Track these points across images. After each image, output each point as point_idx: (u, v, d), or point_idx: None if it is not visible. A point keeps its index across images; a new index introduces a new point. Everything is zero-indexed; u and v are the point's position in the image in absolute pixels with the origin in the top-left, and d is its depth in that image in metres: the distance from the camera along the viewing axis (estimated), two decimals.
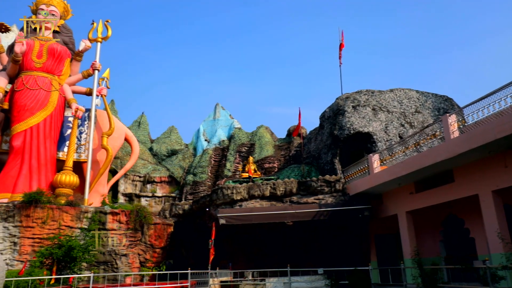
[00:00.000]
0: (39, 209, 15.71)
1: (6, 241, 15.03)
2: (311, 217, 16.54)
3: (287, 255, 17.85)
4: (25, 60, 18.93)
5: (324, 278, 15.33)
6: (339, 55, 24.06)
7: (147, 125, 28.88)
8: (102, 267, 16.25)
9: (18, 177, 17.44)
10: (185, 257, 19.92)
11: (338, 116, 20.58)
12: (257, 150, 25.04)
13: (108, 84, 21.00)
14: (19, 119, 18.19)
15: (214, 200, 17.85)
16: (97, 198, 19.10)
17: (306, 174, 20.90)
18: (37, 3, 20.35)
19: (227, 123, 28.46)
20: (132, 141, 22.35)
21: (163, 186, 24.59)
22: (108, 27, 21.18)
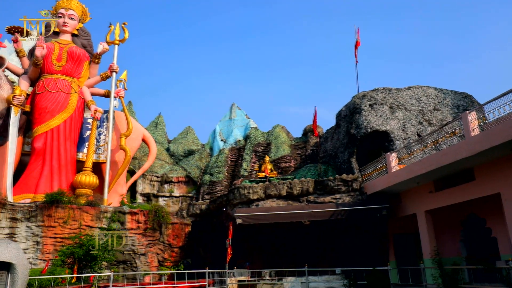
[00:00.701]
0: (60, 209, 16.05)
1: (29, 241, 15.42)
2: (328, 217, 16.45)
3: (304, 255, 17.80)
4: (46, 64, 19.36)
5: (342, 278, 15.23)
6: (355, 54, 23.85)
7: (164, 126, 29.18)
8: (121, 266, 16.51)
9: (39, 178, 17.85)
10: (202, 256, 20.07)
11: (354, 114, 20.41)
12: (273, 150, 25.04)
13: (125, 85, 21.31)
14: (40, 121, 18.61)
15: (231, 199, 17.93)
16: (116, 198, 19.40)
17: (323, 173, 20.80)
18: (57, 8, 20.78)
19: (243, 123, 28.53)
20: (149, 142, 22.62)
21: (180, 186, 24.82)
22: (125, 29, 21.49)
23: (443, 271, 12.43)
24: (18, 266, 8.49)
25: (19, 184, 17.75)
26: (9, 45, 22.26)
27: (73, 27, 20.76)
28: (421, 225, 15.44)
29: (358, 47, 23.87)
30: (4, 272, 8.60)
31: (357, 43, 23.85)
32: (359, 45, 23.84)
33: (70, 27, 20.59)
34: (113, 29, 21.32)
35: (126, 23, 21.58)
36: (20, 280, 8.49)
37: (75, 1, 21.01)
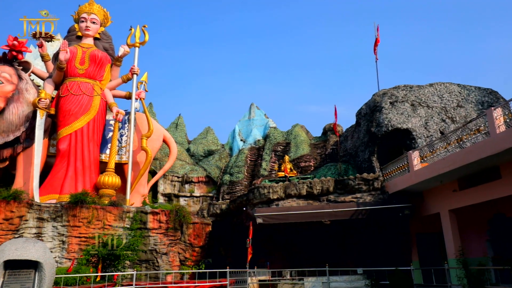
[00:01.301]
0: (85, 209, 16.42)
1: (55, 240, 15.83)
2: (349, 216, 16.30)
3: (325, 255, 17.68)
4: (69, 67, 19.84)
5: (363, 278, 15.07)
6: (375, 51, 23.54)
7: (184, 127, 29.48)
8: (144, 265, 16.77)
9: (64, 179, 18.31)
10: (223, 256, 20.19)
11: (375, 112, 20.15)
12: (293, 149, 24.96)
13: (146, 87, 21.64)
14: (65, 124, 19.09)
15: (251, 199, 17.97)
16: (138, 198, 19.73)
17: (343, 173, 20.62)
18: (79, 12, 21.26)
19: (262, 123, 28.54)
20: (170, 143, 22.90)
21: (200, 186, 25.02)
22: (145, 32, 21.81)
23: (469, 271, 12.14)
24: (45, 265, 8.71)
25: (45, 185, 18.25)
26: (35, 50, 22.91)
27: (95, 31, 21.21)
28: (445, 225, 15.13)
29: (378, 44, 23.55)
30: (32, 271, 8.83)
31: (377, 40, 23.53)
32: (379, 42, 23.52)
33: (92, 31, 21.04)
34: (133, 32, 21.67)
35: (146, 25, 21.91)
36: (47, 279, 8.72)
37: (96, 5, 21.46)
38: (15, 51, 18.52)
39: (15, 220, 15.47)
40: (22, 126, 17.95)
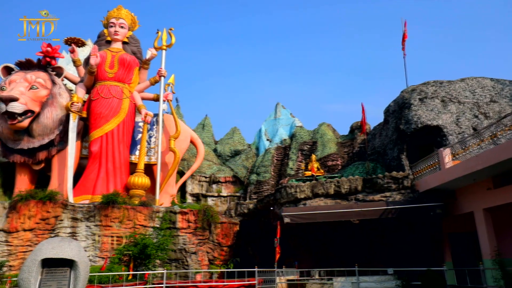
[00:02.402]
0: (116, 209, 16.87)
1: (88, 239, 16.34)
2: (378, 215, 16.01)
3: (354, 254, 17.45)
4: (99, 71, 20.42)
5: (394, 278, 14.79)
6: (403, 47, 23.02)
7: (210, 127, 29.75)
8: (173, 264, 17.07)
9: (96, 180, 18.87)
10: (251, 255, 20.26)
11: (403, 109, 19.72)
12: (320, 148, 24.76)
13: (173, 89, 22.02)
14: (96, 126, 19.67)
15: (278, 199, 17.96)
16: (167, 199, 20.09)
17: (371, 171, 20.29)
18: (108, 18, 21.86)
19: (288, 122, 28.46)
20: (197, 143, 23.18)
21: (228, 186, 25.19)
22: (171, 35, 22.18)
23: (506, 272, 11.70)
24: (80, 263, 8.99)
25: (79, 186, 18.87)
26: (67, 55, 23.68)
27: (124, 35, 21.74)
28: (479, 224, 14.62)
29: (405, 39, 23.03)
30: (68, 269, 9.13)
31: (404, 36, 23.01)
32: (406, 37, 22.99)
33: (121, 36, 21.58)
34: (160, 35, 22.08)
35: (172, 28, 22.27)
36: (82, 277, 9.00)
37: (124, 10, 22.00)
38: (48, 57, 19.24)
39: (51, 220, 16.07)
40: (56, 129, 18.62)
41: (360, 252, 17.75)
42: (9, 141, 18.24)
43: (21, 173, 18.84)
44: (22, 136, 18.06)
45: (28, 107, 17.50)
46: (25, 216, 15.68)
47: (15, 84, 17.72)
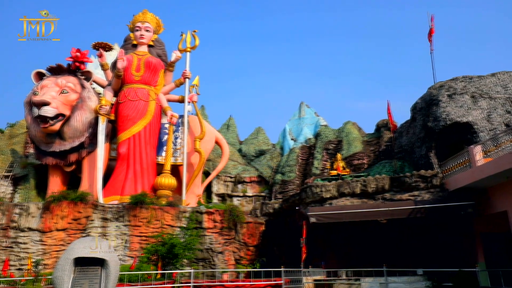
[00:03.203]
0: (144, 210, 17.22)
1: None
2: (407, 215, 15.70)
3: (382, 255, 17.17)
4: (126, 74, 20.90)
5: (424, 279, 14.47)
6: (430, 42, 22.45)
7: (235, 128, 29.92)
8: (200, 263, 17.27)
9: (125, 181, 19.33)
10: (277, 255, 20.24)
11: (431, 106, 19.25)
12: (345, 147, 24.49)
13: (198, 90, 22.27)
14: (123, 128, 20.14)
15: (304, 198, 17.88)
16: (193, 199, 20.35)
17: (399, 170, 19.91)
18: (134, 22, 22.34)
19: (312, 121, 28.27)
20: (222, 144, 23.37)
21: (253, 186, 25.26)
22: (195, 36, 22.46)
23: None
24: (110, 262, 9.25)
25: (108, 187, 19.37)
26: (95, 60, 24.33)
27: (149, 38, 22.17)
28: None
29: (432, 34, 22.44)
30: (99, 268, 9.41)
31: (431, 31, 22.43)
32: (433, 32, 22.40)
33: (146, 39, 22.02)
34: (184, 37, 22.39)
35: (196, 30, 22.57)
36: (112, 275, 9.25)
37: (150, 14, 22.43)
38: (78, 62, 19.84)
39: (82, 220, 16.57)
40: (86, 132, 19.18)
41: (387, 252, 17.45)
42: (42, 144, 18.92)
43: (53, 175, 19.51)
44: (54, 139, 18.69)
45: (59, 111, 18.10)
46: (58, 216, 16.22)
47: (46, 89, 18.36)
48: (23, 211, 16.22)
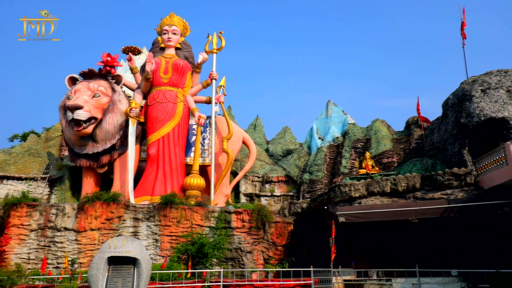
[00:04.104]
0: (174, 210, 17.51)
1: (149, 238, 17.12)
2: (439, 214, 15.29)
3: (413, 255, 16.78)
4: (155, 77, 21.32)
5: (459, 280, 14.04)
6: (462, 35, 21.72)
7: (262, 127, 29.96)
8: (230, 263, 17.40)
9: (155, 182, 19.72)
10: (306, 255, 20.15)
11: (464, 102, 18.65)
12: (374, 145, 24.08)
13: (224, 91, 22.45)
14: (153, 130, 20.56)
15: (332, 198, 17.71)
16: (221, 199, 20.53)
17: (430, 168, 19.40)
18: (161, 25, 22.77)
19: (340, 120, 27.95)
20: (249, 144, 23.47)
21: (280, 186, 25.24)
22: (221, 38, 22.65)
23: None
24: (142, 261, 9.48)
25: (138, 187, 19.82)
26: (124, 63, 24.94)
27: (176, 41, 22.54)
28: None
29: (464, 28, 21.71)
30: (131, 266, 9.66)
31: (463, 24, 21.71)
32: (465, 26, 21.66)
33: (174, 42, 22.40)
34: (210, 39, 22.61)
35: (222, 32, 22.73)
36: (144, 274, 9.48)
37: (177, 17, 22.80)
38: (108, 66, 20.42)
39: (115, 220, 17.03)
40: (117, 134, 19.70)
41: (419, 252, 17.04)
42: (76, 147, 19.58)
43: (87, 176, 20.15)
44: (87, 142, 19.30)
45: (91, 114, 18.67)
46: (92, 216, 16.75)
47: (79, 93, 18.98)
48: (59, 211, 16.84)
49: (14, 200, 16.84)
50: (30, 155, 23.13)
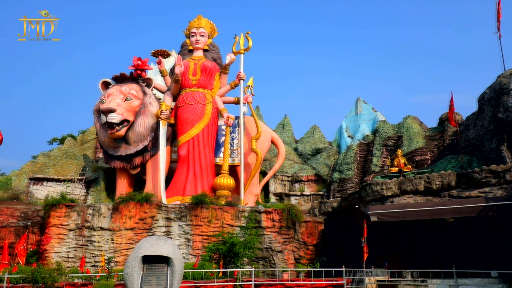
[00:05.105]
0: (205, 210, 17.74)
1: (181, 238, 17.42)
2: (476, 213, 14.77)
3: (449, 255, 16.27)
4: (184, 79, 21.67)
5: (499, 281, 13.51)
6: (498, 27, 20.85)
7: (290, 127, 29.87)
8: (260, 262, 17.45)
9: (186, 182, 20.05)
10: (338, 254, 19.92)
11: (501, 96, 17.93)
12: (406, 143, 23.53)
13: (252, 91, 22.53)
14: (183, 131, 20.90)
15: (363, 197, 17.44)
16: (251, 198, 20.62)
17: (466, 165, 18.75)
18: (189, 28, 23.10)
19: (370, 117, 27.48)
20: (278, 143, 23.44)
21: (310, 185, 25.08)
22: (248, 38, 22.72)
23: None
24: (175, 260, 9.62)
25: (170, 188, 20.21)
26: (154, 67, 25.47)
27: (204, 43, 22.82)
28: None
29: (500, 19, 20.83)
30: (165, 265, 9.83)
31: (499, 15, 20.83)
32: (500, 17, 20.78)
33: (201, 44, 22.68)
34: (238, 39, 22.73)
35: (249, 32, 22.80)
36: (177, 273, 9.62)
37: (204, 19, 23.08)
38: (139, 70, 20.93)
39: (148, 220, 17.43)
40: (149, 136, 20.17)
41: (456, 253, 16.51)
42: (110, 149, 20.19)
43: (121, 177, 20.73)
44: (120, 144, 19.85)
45: (124, 117, 19.19)
46: (126, 216, 17.21)
47: (112, 97, 19.55)
48: (95, 211, 17.41)
49: (54, 201, 17.56)
50: (67, 158, 24.05)
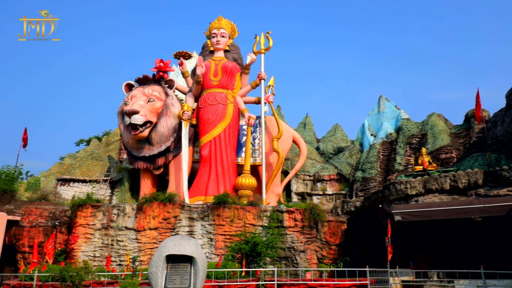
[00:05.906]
0: (227, 209, 17.87)
1: (204, 237, 17.60)
2: (506, 212, 14.34)
3: (477, 255, 15.87)
4: (205, 80, 21.88)
5: None
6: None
7: (312, 126, 29.69)
8: (283, 262, 17.45)
9: (208, 182, 20.25)
10: (361, 254, 19.71)
11: None
12: (430, 140, 23.03)
13: (273, 91, 22.52)
14: (205, 132, 21.11)
15: (387, 196, 17.20)
16: (273, 198, 20.64)
17: (494, 163, 18.22)
18: (210, 29, 23.31)
19: (393, 115, 27.02)
20: (299, 142, 23.37)
21: (332, 184, 24.88)
22: (269, 38, 22.74)
23: None
24: (198, 260, 9.75)
25: (193, 188, 20.44)
26: (176, 68, 25.79)
27: (225, 44, 22.97)
28: None
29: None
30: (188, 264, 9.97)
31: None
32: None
33: (222, 45, 22.85)
34: (258, 39, 22.79)
35: (269, 32, 22.82)
36: (200, 272, 9.75)
37: (224, 20, 23.24)
38: (161, 71, 21.26)
39: (171, 220, 17.68)
40: (171, 137, 20.45)
41: (484, 253, 16.09)
42: (133, 150, 20.58)
43: (144, 178, 21.10)
44: (144, 145, 20.21)
45: (147, 119, 19.53)
46: (150, 216, 17.52)
47: (135, 99, 19.93)
48: (120, 211, 17.78)
49: (80, 202, 18.03)
50: (92, 159, 24.66)
